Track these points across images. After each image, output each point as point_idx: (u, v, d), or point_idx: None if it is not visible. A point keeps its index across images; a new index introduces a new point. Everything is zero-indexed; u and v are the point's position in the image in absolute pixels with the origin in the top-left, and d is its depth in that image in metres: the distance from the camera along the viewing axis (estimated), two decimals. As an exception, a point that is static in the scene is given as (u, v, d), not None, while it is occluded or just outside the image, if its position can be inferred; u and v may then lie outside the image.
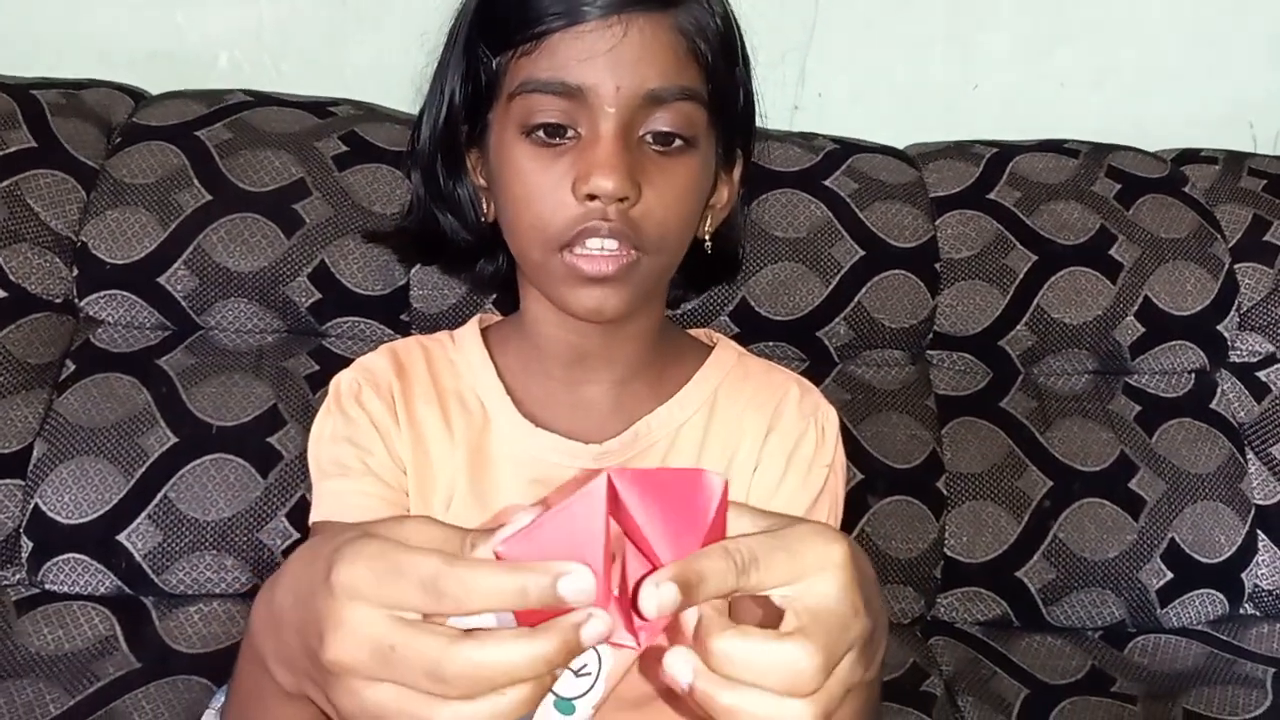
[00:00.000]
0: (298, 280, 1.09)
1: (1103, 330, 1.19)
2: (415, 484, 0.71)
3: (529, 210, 0.63)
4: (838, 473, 0.76)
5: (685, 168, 0.65)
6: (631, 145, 0.62)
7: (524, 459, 0.71)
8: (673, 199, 0.64)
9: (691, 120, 0.64)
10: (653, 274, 0.66)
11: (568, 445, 0.71)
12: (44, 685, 0.94)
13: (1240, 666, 1.11)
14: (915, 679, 1.06)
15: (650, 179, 0.62)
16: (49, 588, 1.02)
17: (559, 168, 0.62)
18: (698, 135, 0.65)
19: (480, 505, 0.71)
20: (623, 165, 0.60)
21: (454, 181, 0.73)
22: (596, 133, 0.61)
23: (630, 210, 0.62)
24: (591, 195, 0.61)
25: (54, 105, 1.12)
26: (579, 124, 0.62)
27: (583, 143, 0.62)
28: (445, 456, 0.71)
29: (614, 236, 0.62)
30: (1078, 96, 1.39)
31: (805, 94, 1.36)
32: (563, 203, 0.62)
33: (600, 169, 0.60)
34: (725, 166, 0.72)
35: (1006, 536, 1.13)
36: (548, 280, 0.66)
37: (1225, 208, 1.25)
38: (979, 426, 1.18)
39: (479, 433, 0.72)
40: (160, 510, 1.01)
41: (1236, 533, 1.16)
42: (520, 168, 0.63)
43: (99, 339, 1.08)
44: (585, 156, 0.61)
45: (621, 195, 0.60)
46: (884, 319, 1.17)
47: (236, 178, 1.09)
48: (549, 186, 0.62)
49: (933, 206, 1.21)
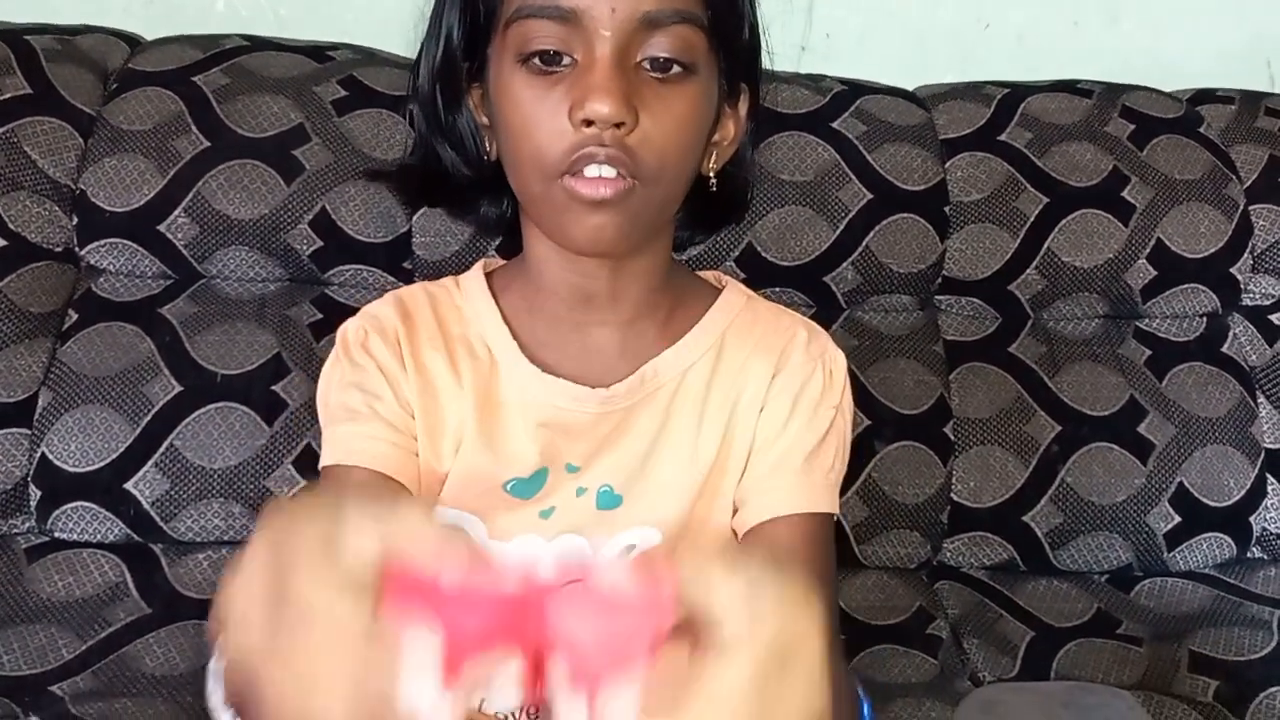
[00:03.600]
0: (299, 228, 1.08)
1: (1114, 273, 1.18)
2: (424, 429, 0.71)
3: (528, 140, 0.63)
4: (845, 415, 0.75)
5: (684, 95, 0.63)
6: (628, 70, 0.61)
7: (532, 403, 0.71)
8: (671, 126, 0.62)
9: (690, 45, 0.63)
10: (651, 205, 0.65)
11: (574, 389, 0.71)
12: (55, 630, 0.95)
13: (1247, 609, 1.11)
14: (921, 622, 1.07)
15: (648, 106, 0.61)
16: (58, 535, 1.03)
17: (555, 95, 0.61)
18: (696, 62, 0.64)
19: (489, 450, 0.71)
20: (618, 90, 0.59)
21: (454, 115, 0.72)
22: (592, 58, 0.60)
23: (627, 137, 0.61)
24: (588, 121, 0.59)
25: (49, 51, 1.10)
26: (574, 50, 0.61)
27: (578, 69, 0.61)
28: (453, 401, 0.71)
29: (611, 163, 0.61)
30: (1092, 35, 1.36)
31: (813, 35, 1.33)
32: (560, 130, 0.61)
33: (595, 93, 0.59)
34: (730, 100, 0.71)
35: (1014, 481, 1.13)
36: (549, 211, 0.65)
37: (1241, 148, 1.23)
38: (987, 372, 1.17)
39: (486, 378, 0.72)
40: (166, 458, 1.02)
41: (1246, 476, 1.16)
42: (517, 97, 0.63)
43: (100, 288, 1.08)
44: (581, 82, 0.60)
45: (617, 120, 0.59)
46: (892, 264, 1.15)
47: (235, 124, 1.08)
48: (546, 114, 0.61)
49: (942, 149, 1.19)
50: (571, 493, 0.71)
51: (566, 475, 0.71)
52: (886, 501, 1.11)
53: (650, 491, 0.71)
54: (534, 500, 0.71)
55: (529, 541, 0.71)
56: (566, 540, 0.71)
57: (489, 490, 0.71)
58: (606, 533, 0.72)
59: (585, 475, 0.71)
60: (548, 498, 0.71)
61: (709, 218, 0.80)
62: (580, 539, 0.71)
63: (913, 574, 1.14)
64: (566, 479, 0.71)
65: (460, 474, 0.71)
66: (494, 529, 0.71)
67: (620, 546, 0.72)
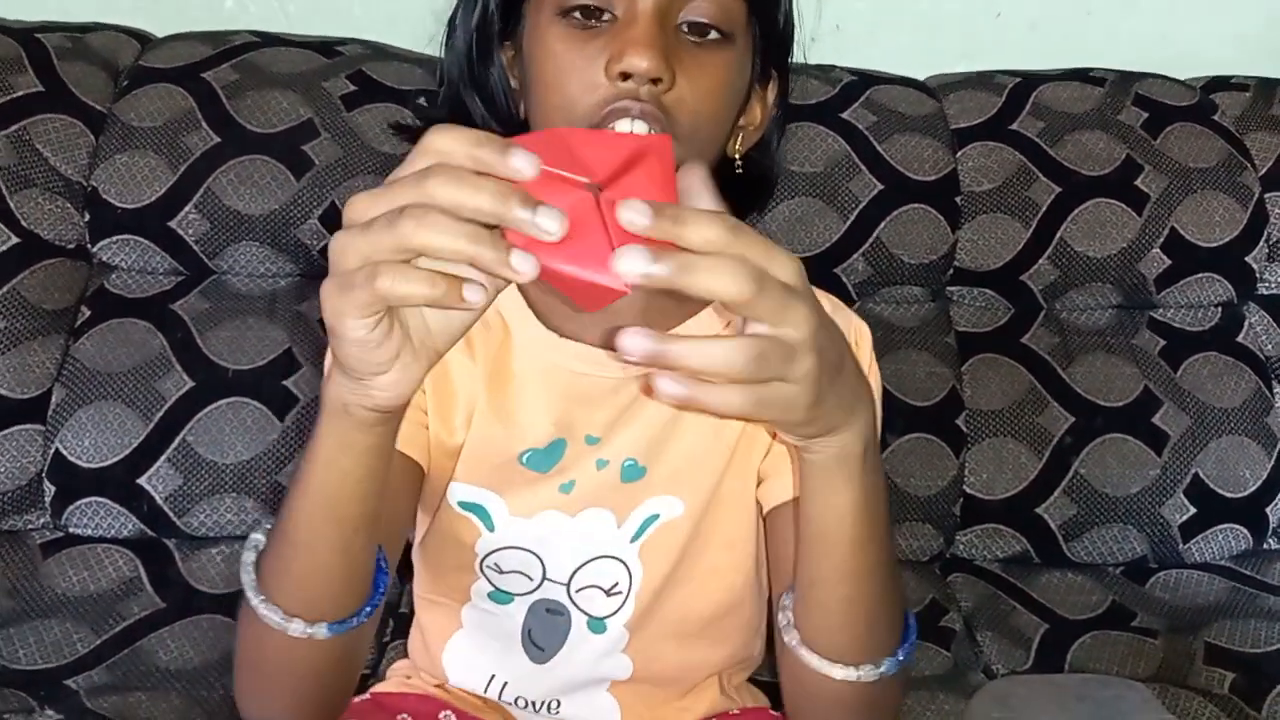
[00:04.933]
0: (309, 222, 1.08)
1: (1128, 263, 1.17)
2: (434, 403, 0.71)
3: (559, 91, 0.62)
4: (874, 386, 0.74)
5: (721, 60, 0.63)
6: (668, 29, 0.61)
7: (549, 370, 0.71)
8: (706, 90, 0.62)
9: (729, 13, 0.63)
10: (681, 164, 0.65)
11: (594, 354, 0.70)
12: (71, 625, 0.96)
13: (1263, 600, 1.10)
14: (934, 615, 1.07)
15: (685, 67, 0.61)
16: (73, 531, 1.03)
17: (592, 48, 0.61)
18: (735, 32, 0.64)
19: (501, 421, 0.71)
20: (658, 44, 0.59)
21: (486, 68, 0.71)
22: (634, 13, 0.60)
23: (663, 96, 0.60)
24: (625, 75, 0.59)
25: (60, 49, 1.11)
26: (615, 6, 0.62)
27: (618, 24, 0.61)
28: (464, 374, 0.71)
29: (644, 118, 0.60)
30: (1105, 22, 1.35)
31: (822, 26, 1.32)
32: (594, 82, 0.61)
33: (635, 46, 0.59)
34: (760, 82, 0.71)
35: (1027, 473, 1.12)
36: None
37: (1256, 136, 1.22)
38: (1000, 363, 1.16)
39: (498, 347, 0.72)
40: (179, 453, 1.02)
41: (1261, 467, 1.14)
42: (553, 49, 0.62)
43: (113, 284, 1.08)
44: (621, 36, 0.60)
45: (656, 75, 0.59)
46: (903, 254, 1.15)
47: (245, 119, 1.08)
48: (581, 65, 0.61)
49: (953, 138, 1.18)
50: (592, 465, 0.71)
51: (586, 447, 0.71)
52: (899, 494, 1.10)
53: (675, 462, 0.71)
54: (552, 473, 0.71)
55: (552, 519, 0.71)
56: (591, 515, 0.71)
57: (505, 463, 0.71)
58: (630, 504, 0.72)
59: (606, 447, 0.71)
60: (567, 470, 0.71)
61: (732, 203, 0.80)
62: (606, 512, 0.72)
63: (925, 567, 1.14)
64: (586, 451, 0.71)
65: (473, 447, 0.71)
66: (514, 505, 0.71)
67: (642, 518, 0.72)
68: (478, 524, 0.72)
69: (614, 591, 0.73)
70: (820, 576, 0.59)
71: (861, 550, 0.57)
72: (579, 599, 0.74)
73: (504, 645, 0.76)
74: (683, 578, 0.74)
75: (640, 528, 0.72)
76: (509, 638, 0.76)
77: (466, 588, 0.75)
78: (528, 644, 0.76)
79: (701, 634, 0.77)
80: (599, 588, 0.73)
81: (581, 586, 0.73)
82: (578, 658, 0.76)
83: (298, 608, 0.56)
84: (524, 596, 0.74)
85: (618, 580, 0.73)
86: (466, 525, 0.72)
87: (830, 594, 0.59)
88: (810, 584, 0.60)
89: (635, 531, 0.72)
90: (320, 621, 0.56)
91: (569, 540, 0.72)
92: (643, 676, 0.77)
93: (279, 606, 0.56)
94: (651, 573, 0.73)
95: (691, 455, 0.72)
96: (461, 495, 0.72)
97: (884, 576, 0.60)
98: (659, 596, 0.74)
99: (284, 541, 0.56)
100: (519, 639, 0.76)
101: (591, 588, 0.73)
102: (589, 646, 0.75)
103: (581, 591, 0.73)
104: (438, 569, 0.78)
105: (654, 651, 0.76)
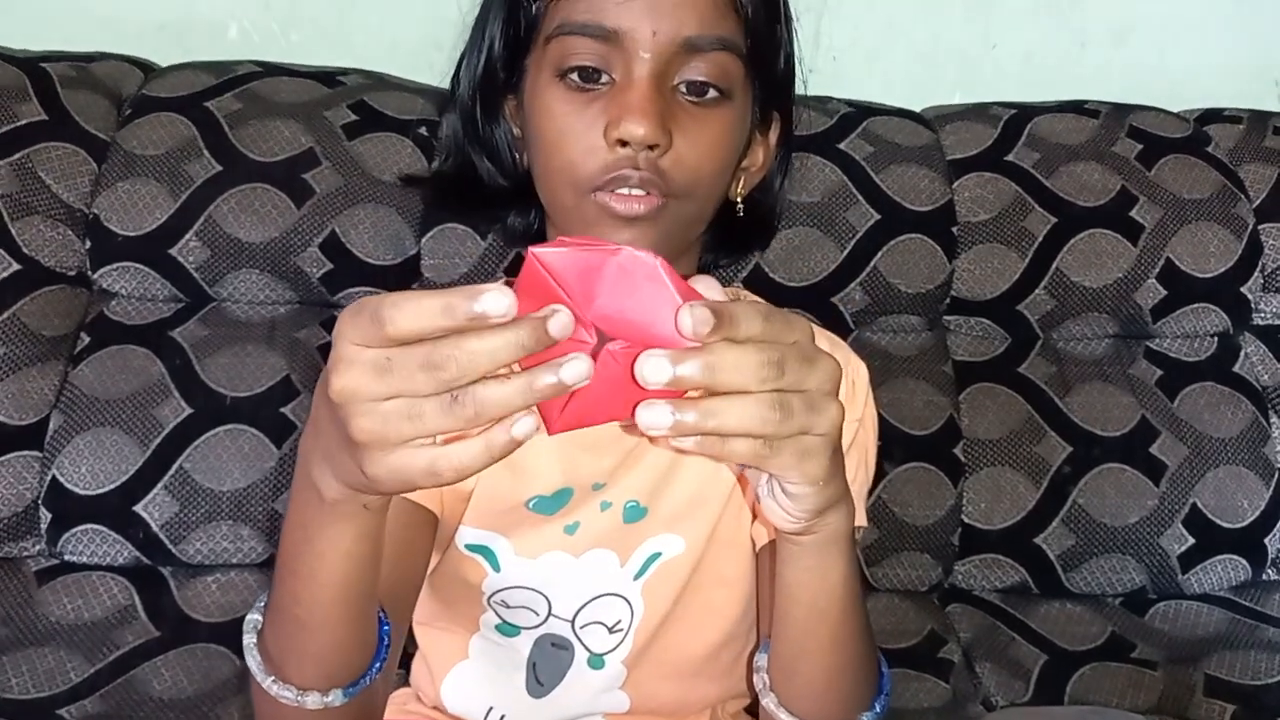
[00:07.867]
0: (309, 250, 1.08)
1: (1123, 293, 1.17)
2: None
3: (560, 153, 0.63)
4: (868, 428, 0.75)
5: (719, 120, 0.64)
6: (665, 92, 0.62)
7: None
8: (705, 149, 0.63)
9: (727, 72, 0.63)
10: (682, 220, 0.65)
11: None
12: (65, 653, 0.95)
13: (1263, 632, 1.09)
14: (933, 646, 1.06)
15: (682, 128, 0.62)
16: (68, 558, 1.03)
17: (591, 112, 0.62)
18: (733, 88, 0.64)
19: (510, 469, 0.71)
20: (655, 111, 0.60)
21: (491, 126, 0.72)
22: (630, 78, 0.61)
23: (660, 159, 0.61)
24: (622, 141, 0.60)
25: (64, 78, 1.11)
26: (613, 69, 0.62)
27: (616, 88, 0.62)
28: None
29: (643, 186, 0.61)
30: (1099, 55, 1.36)
31: (820, 57, 1.33)
32: (594, 147, 0.61)
33: (632, 114, 0.59)
34: (761, 128, 0.72)
35: (1025, 503, 1.12)
36: (580, 224, 0.65)
37: (1249, 167, 1.23)
38: (997, 392, 1.17)
39: None
40: (176, 481, 1.02)
41: (1260, 497, 1.14)
42: (553, 110, 0.63)
43: (113, 311, 1.09)
44: (618, 101, 0.61)
45: (652, 142, 0.60)
46: (900, 284, 1.15)
47: (246, 148, 1.09)
48: (581, 129, 0.62)
49: (950, 169, 1.19)
50: (596, 508, 0.71)
51: (592, 492, 0.71)
52: (897, 523, 1.10)
53: (676, 501, 0.72)
54: (557, 516, 0.71)
55: (556, 559, 0.71)
56: (595, 555, 0.71)
57: (512, 508, 0.71)
58: (633, 544, 0.72)
59: (610, 490, 0.71)
60: (572, 513, 0.71)
61: (735, 242, 0.80)
62: (609, 553, 0.72)
63: (924, 597, 1.13)
64: (592, 495, 0.71)
65: (483, 493, 0.71)
66: (520, 546, 0.71)
67: (644, 557, 0.72)
68: (484, 565, 0.72)
69: (616, 628, 0.73)
70: (808, 649, 0.59)
71: (849, 618, 0.57)
72: (583, 634, 0.74)
73: (507, 677, 0.76)
74: (680, 615, 0.74)
75: (643, 566, 0.73)
76: (514, 669, 0.76)
77: (475, 618, 0.75)
78: (530, 678, 0.76)
79: (698, 671, 0.77)
80: (603, 624, 0.73)
81: (586, 623, 0.73)
82: (575, 692, 0.75)
83: (313, 683, 0.55)
84: (530, 630, 0.74)
85: (620, 617, 0.73)
86: (473, 566, 0.72)
87: (817, 664, 0.59)
88: (796, 656, 0.60)
89: (639, 569, 0.73)
90: (335, 689, 0.56)
91: (574, 580, 0.72)
92: (639, 710, 0.76)
93: (292, 684, 0.55)
94: (652, 610, 0.73)
95: (692, 494, 0.72)
96: (469, 539, 0.72)
97: (866, 638, 0.60)
98: (656, 634, 0.74)
99: (293, 625, 0.55)
100: (524, 671, 0.76)
101: (596, 624, 0.73)
102: (586, 682, 0.75)
103: (586, 627, 0.74)
104: (445, 601, 0.78)
105: (650, 688, 0.76)
